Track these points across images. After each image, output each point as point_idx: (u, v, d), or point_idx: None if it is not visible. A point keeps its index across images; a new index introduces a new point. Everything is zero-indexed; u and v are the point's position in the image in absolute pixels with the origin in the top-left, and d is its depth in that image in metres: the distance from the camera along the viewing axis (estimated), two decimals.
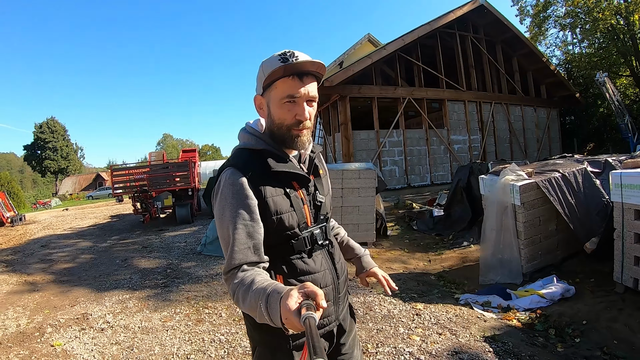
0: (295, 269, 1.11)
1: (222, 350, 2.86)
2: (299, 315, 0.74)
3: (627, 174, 3.59)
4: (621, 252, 3.59)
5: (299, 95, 1.06)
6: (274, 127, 1.12)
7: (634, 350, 2.79)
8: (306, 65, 1.05)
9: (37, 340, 3.40)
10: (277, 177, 1.10)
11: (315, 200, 1.18)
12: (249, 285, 0.94)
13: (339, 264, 1.23)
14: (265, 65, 1.07)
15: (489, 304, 3.83)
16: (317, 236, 1.15)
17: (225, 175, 1.09)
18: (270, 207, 1.07)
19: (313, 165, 1.21)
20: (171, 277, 5.04)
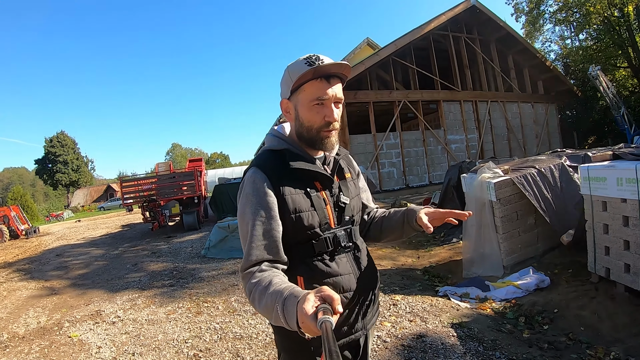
0: (317, 270, 1.10)
1: (216, 336, 3.26)
2: (316, 320, 0.75)
3: (594, 167, 3.74)
4: (593, 243, 3.73)
5: (327, 97, 1.08)
6: (303, 130, 1.13)
7: (599, 336, 2.93)
8: (333, 68, 1.07)
9: (56, 334, 3.83)
10: (298, 177, 1.11)
11: (339, 201, 1.17)
12: (266, 286, 0.94)
13: (367, 269, 1.21)
14: (292, 68, 1.09)
15: (467, 295, 4.06)
16: (340, 238, 1.13)
17: (248, 174, 1.12)
18: (289, 204, 1.08)
19: (337, 167, 1.21)
20: (177, 278, 5.46)
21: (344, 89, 1.15)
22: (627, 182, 3.23)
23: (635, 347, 2.67)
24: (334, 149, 1.19)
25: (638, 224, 3.16)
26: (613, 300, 3.38)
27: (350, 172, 1.29)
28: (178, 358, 2.93)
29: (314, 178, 1.14)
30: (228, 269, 5.55)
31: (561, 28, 19.18)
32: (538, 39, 19.99)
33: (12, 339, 3.92)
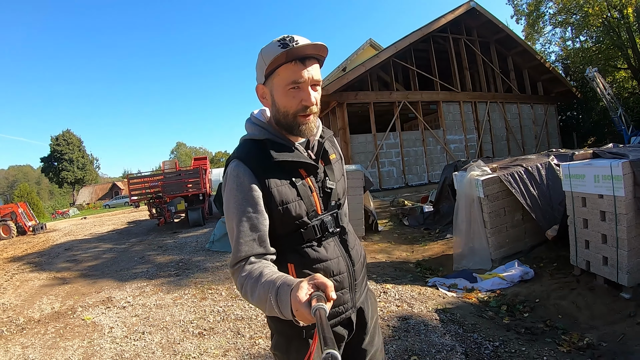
0: (307, 257, 1.10)
1: (219, 317, 3.57)
2: (310, 307, 0.76)
3: (574, 165, 3.96)
4: (574, 237, 3.92)
5: (302, 80, 1.04)
6: (280, 116, 1.10)
7: (575, 324, 3.12)
8: (308, 49, 1.03)
9: (70, 317, 4.13)
10: (282, 167, 1.09)
11: (324, 187, 1.16)
12: (257, 278, 0.95)
13: (354, 250, 1.21)
14: (265, 52, 1.05)
15: (455, 286, 4.30)
16: (327, 224, 1.13)
17: (230, 168, 1.09)
18: (276, 197, 1.06)
19: (322, 151, 1.19)
20: (182, 269, 5.76)
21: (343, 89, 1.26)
22: (603, 178, 3.42)
23: (609, 334, 2.84)
24: (314, 134, 1.16)
25: (614, 218, 3.33)
26: (592, 292, 3.56)
27: (335, 154, 1.27)
28: (184, 336, 3.23)
29: (298, 166, 1.12)
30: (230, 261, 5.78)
31: (562, 30, 19.29)
32: (538, 41, 20.13)
33: (28, 323, 4.22)
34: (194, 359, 2.85)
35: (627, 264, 3.22)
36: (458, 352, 2.61)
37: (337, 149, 1.33)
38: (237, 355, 2.82)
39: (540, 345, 2.81)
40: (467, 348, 2.67)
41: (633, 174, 3.25)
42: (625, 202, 3.21)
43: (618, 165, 3.27)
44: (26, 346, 3.55)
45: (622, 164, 3.24)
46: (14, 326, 4.15)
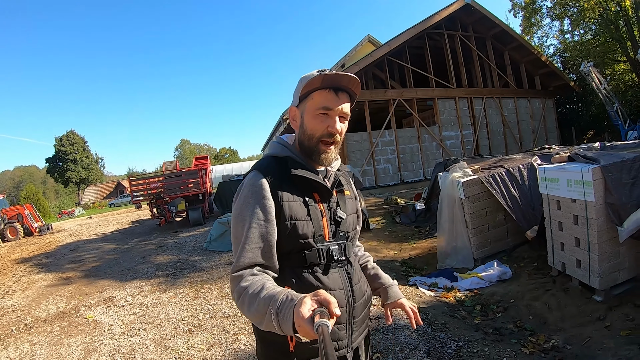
0: (306, 282, 1.08)
1: (208, 315, 3.85)
2: (312, 323, 0.75)
3: (549, 168, 4.04)
4: (551, 239, 3.99)
5: (332, 109, 1.09)
6: (305, 138, 1.14)
7: (544, 325, 3.20)
8: (343, 79, 1.08)
9: (74, 316, 4.42)
10: (297, 185, 1.11)
11: (335, 215, 1.16)
12: (258, 291, 0.93)
13: (357, 286, 1.18)
14: (303, 78, 1.11)
15: (436, 285, 4.47)
16: (333, 252, 1.11)
17: (247, 177, 1.12)
18: (285, 210, 1.07)
19: (337, 182, 1.21)
20: (180, 268, 6.04)
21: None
22: (575, 183, 3.51)
23: (576, 337, 2.93)
24: (332, 164, 1.19)
25: (585, 222, 3.41)
26: (566, 293, 3.64)
27: (349, 191, 1.29)
28: (175, 332, 3.51)
29: (313, 189, 1.13)
30: (226, 260, 6.11)
31: (560, 23, 19.25)
32: (536, 34, 20.12)
33: (35, 322, 4.51)
34: (182, 353, 3.12)
35: (598, 267, 3.31)
36: (421, 350, 2.78)
37: (352, 187, 1.34)
38: (220, 349, 3.09)
39: (504, 346, 2.89)
40: (430, 347, 2.83)
41: (604, 180, 3.30)
42: (596, 207, 3.29)
43: (588, 171, 3.33)
44: (34, 343, 3.84)
45: (592, 170, 3.31)
46: (23, 325, 4.44)
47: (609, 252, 3.33)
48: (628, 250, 3.37)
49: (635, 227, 3.15)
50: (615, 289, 3.39)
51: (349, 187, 1.30)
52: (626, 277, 3.40)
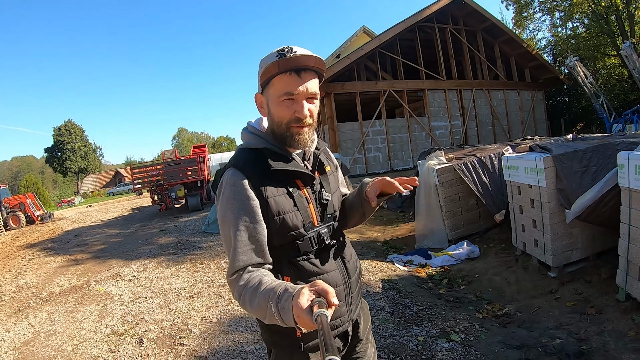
0: (303, 270, 1.09)
1: (207, 284, 4.40)
2: (311, 313, 0.76)
3: (510, 157, 4.48)
4: (514, 221, 4.34)
5: (297, 93, 1.03)
6: (274, 126, 1.10)
7: (501, 296, 3.55)
8: (302, 60, 1.01)
9: (86, 289, 4.94)
10: (279, 177, 1.08)
11: (321, 198, 1.15)
12: (256, 286, 0.94)
13: (350, 263, 1.21)
14: (263, 62, 1.05)
15: (411, 262, 4.91)
16: (324, 236, 1.12)
17: (226, 176, 1.08)
18: (272, 207, 1.05)
19: (318, 162, 1.19)
20: (181, 248, 6.57)
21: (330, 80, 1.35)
22: (531, 171, 3.90)
23: (527, 306, 3.26)
24: (308, 145, 1.14)
25: (540, 206, 3.81)
26: (526, 270, 3.98)
27: (330, 165, 1.27)
28: (178, 298, 4.05)
29: (295, 176, 1.12)
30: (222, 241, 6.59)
31: (552, 16, 19.49)
32: (528, 27, 20.39)
33: (50, 295, 5.02)
34: (184, 313, 3.66)
35: (551, 246, 3.67)
36: (386, 311, 3.24)
37: (332, 160, 1.33)
38: (217, 310, 3.63)
39: (460, 311, 3.23)
40: (395, 309, 3.28)
41: (555, 168, 3.65)
42: (548, 192, 3.65)
43: (540, 159, 3.69)
44: (51, 312, 4.35)
45: (544, 159, 3.67)
46: (39, 299, 4.94)
47: (561, 232, 3.69)
48: (581, 232, 3.71)
49: (579, 209, 3.50)
50: (568, 267, 3.73)
51: (328, 162, 1.27)
52: (579, 256, 3.74)
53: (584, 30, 18.88)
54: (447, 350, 2.63)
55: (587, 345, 2.59)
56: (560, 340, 2.68)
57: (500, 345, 2.67)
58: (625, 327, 2.66)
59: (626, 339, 2.53)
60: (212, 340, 3.06)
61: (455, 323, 3.02)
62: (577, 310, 3.01)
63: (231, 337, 3.07)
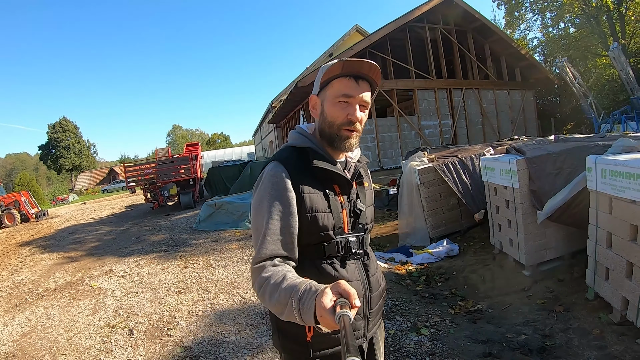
0: (325, 274, 1.09)
1: (195, 280, 4.62)
2: (334, 314, 0.75)
3: (487, 159, 4.58)
4: (491, 221, 4.40)
5: (353, 96, 1.08)
6: (325, 126, 1.13)
7: (475, 293, 3.61)
8: (363, 66, 1.07)
9: (80, 285, 5.13)
10: (318, 177, 1.11)
11: (355, 207, 1.17)
12: (280, 281, 0.94)
13: (374, 277, 1.21)
14: (324, 67, 1.10)
15: (393, 259, 5.01)
16: (352, 244, 1.13)
17: (268, 168, 1.11)
18: (306, 203, 1.07)
19: (357, 174, 1.21)
20: (172, 245, 6.78)
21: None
22: (506, 172, 3.98)
23: (499, 303, 3.34)
24: (353, 151, 1.20)
25: (514, 206, 3.84)
26: (501, 268, 4.06)
27: (368, 183, 1.29)
28: (167, 293, 4.27)
29: (333, 180, 1.13)
30: (212, 238, 6.85)
31: (542, 16, 19.73)
32: (520, 28, 20.61)
33: (46, 291, 5.20)
34: (172, 307, 3.88)
35: (524, 245, 3.74)
36: None
37: (370, 179, 1.35)
38: (203, 304, 3.86)
39: (434, 307, 3.33)
40: None
41: (528, 170, 3.72)
42: (521, 193, 3.73)
43: (514, 161, 3.76)
44: (47, 307, 4.53)
45: (517, 161, 3.74)
46: (35, 294, 5.12)
47: (535, 232, 3.76)
48: (555, 232, 3.79)
49: (550, 210, 3.57)
50: (542, 266, 3.79)
51: (367, 179, 1.30)
52: (553, 255, 3.82)
53: (575, 30, 19.08)
54: (415, 343, 2.77)
55: (550, 342, 2.66)
56: (525, 336, 2.77)
57: (466, 339, 2.78)
58: (591, 325, 2.72)
59: (590, 337, 2.59)
60: (197, 332, 3.28)
61: (426, 318, 3.16)
62: (546, 308, 3.09)
63: (214, 328, 3.28)
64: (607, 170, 2.66)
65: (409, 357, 2.62)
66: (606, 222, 2.76)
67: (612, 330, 2.57)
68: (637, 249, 2.40)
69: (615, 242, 2.66)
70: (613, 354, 2.35)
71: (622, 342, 2.43)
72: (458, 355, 2.60)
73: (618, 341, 2.45)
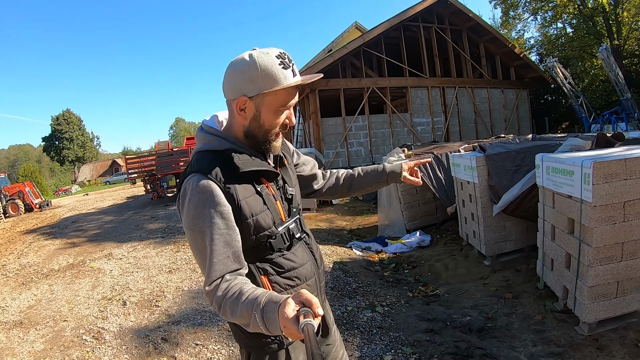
0: (279, 266, 1.11)
1: (185, 262, 5.10)
2: (297, 323, 0.76)
3: (455, 156, 4.92)
4: (459, 214, 4.72)
5: (293, 103, 1.09)
6: (260, 132, 1.08)
7: (437, 280, 3.90)
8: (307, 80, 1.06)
9: (82, 266, 5.63)
10: (245, 177, 1.06)
11: (286, 193, 1.17)
12: (237, 296, 0.92)
13: (317, 254, 1.25)
14: (265, 70, 0.99)
15: (369, 248, 5.40)
16: (293, 230, 1.15)
17: (190, 183, 1.01)
18: (245, 210, 1.04)
19: (278, 158, 1.20)
20: (167, 233, 7.27)
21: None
22: (469, 168, 4.21)
23: (456, 289, 3.61)
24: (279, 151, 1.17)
25: (475, 200, 4.13)
26: (466, 258, 4.33)
27: (287, 158, 1.26)
28: (159, 273, 4.76)
29: (260, 174, 1.10)
30: None
31: (535, 17, 19.91)
32: (516, 27, 20.80)
33: (50, 271, 5.69)
34: (162, 284, 4.38)
35: (484, 237, 3.99)
36: (328, 286, 3.64)
37: (289, 149, 1.34)
38: (189, 282, 4.35)
39: (395, 290, 3.60)
40: (336, 285, 3.77)
41: (487, 166, 4.00)
42: (480, 188, 4.00)
43: (474, 158, 4.04)
44: (51, 285, 5.02)
45: (476, 158, 4.02)
46: (40, 274, 5.61)
47: (494, 225, 4.01)
48: (514, 225, 4.03)
49: (504, 204, 3.82)
50: (502, 257, 4.06)
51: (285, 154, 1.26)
52: (513, 247, 4.07)
53: (572, 31, 19.24)
54: (367, 319, 3.05)
55: (492, 323, 2.85)
56: (470, 317, 2.98)
57: (415, 318, 3.04)
58: (535, 311, 2.90)
59: (531, 322, 2.76)
60: (181, 303, 3.76)
61: (384, 299, 3.43)
62: (498, 295, 3.30)
63: (197, 301, 3.77)
64: (550, 167, 2.85)
65: (358, 328, 2.95)
66: (550, 216, 2.94)
67: (554, 317, 2.74)
68: (573, 241, 2.59)
69: (558, 234, 2.84)
70: (549, 338, 2.53)
71: (560, 328, 2.61)
72: (403, 330, 2.87)
73: (557, 327, 2.62)
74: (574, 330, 2.55)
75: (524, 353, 2.43)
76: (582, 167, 2.39)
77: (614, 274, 2.43)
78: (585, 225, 2.43)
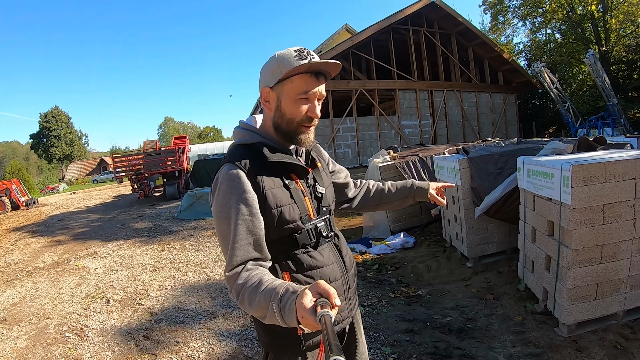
0: (302, 264, 1.10)
1: (169, 261, 5.17)
2: (315, 314, 0.76)
3: (438, 158, 4.99)
4: (443, 216, 4.71)
5: (313, 93, 1.07)
6: (283, 122, 1.10)
7: (419, 281, 3.86)
8: (326, 66, 1.06)
9: (67, 264, 5.63)
10: (274, 170, 1.09)
11: (315, 192, 1.17)
12: (256, 285, 0.93)
13: (347, 257, 1.23)
14: (281, 58, 1.05)
15: (353, 249, 5.25)
16: (321, 229, 1.14)
17: (222, 172, 1.07)
18: (270, 200, 1.05)
19: (310, 158, 1.21)
20: (153, 232, 7.30)
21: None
22: (451, 171, 4.23)
23: (438, 290, 3.59)
24: (310, 146, 1.18)
25: (458, 202, 4.11)
26: (449, 260, 4.28)
27: (321, 162, 1.29)
28: (143, 271, 4.81)
29: (290, 170, 1.13)
30: (191, 226, 7.40)
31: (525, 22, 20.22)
32: (505, 32, 21.07)
33: (35, 269, 5.68)
34: (146, 282, 4.42)
35: (466, 239, 3.96)
36: None
37: (324, 157, 1.36)
38: (172, 280, 4.42)
39: (377, 291, 3.57)
40: None
41: (469, 169, 3.99)
42: (463, 190, 3.99)
43: (457, 160, 4.05)
44: (36, 282, 5.02)
45: (459, 160, 4.03)
46: (25, 272, 5.59)
47: (477, 227, 3.99)
48: (496, 227, 4.01)
49: (486, 206, 3.81)
50: (484, 259, 4.02)
51: (320, 159, 1.30)
52: (495, 249, 4.04)
53: (560, 36, 19.48)
54: None
55: (472, 324, 2.83)
56: (450, 318, 2.96)
57: (395, 318, 3.02)
58: (515, 312, 2.89)
59: (511, 323, 2.75)
60: (164, 302, 3.82)
61: (366, 299, 3.42)
62: (479, 296, 3.28)
63: (179, 299, 3.83)
64: (531, 170, 2.85)
65: None
66: (531, 218, 2.94)
67: (534, 318, 2.74)
68: (553, 243, 2.59)
69: (538, 236, 2.85)
70: (529, 339, 2.52)
71: (540, 329, 2.60)
72: (383, 329, 2.87)
73: (537, 328, 2.62)
74: (554, 331, 2.56)
75: (503, 354, 2.44)
76: (561, 170, 2.41)
77: (593, 276, 2.44)
78: (565, 228, 2.45)
